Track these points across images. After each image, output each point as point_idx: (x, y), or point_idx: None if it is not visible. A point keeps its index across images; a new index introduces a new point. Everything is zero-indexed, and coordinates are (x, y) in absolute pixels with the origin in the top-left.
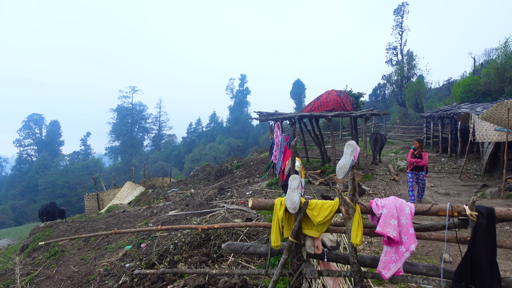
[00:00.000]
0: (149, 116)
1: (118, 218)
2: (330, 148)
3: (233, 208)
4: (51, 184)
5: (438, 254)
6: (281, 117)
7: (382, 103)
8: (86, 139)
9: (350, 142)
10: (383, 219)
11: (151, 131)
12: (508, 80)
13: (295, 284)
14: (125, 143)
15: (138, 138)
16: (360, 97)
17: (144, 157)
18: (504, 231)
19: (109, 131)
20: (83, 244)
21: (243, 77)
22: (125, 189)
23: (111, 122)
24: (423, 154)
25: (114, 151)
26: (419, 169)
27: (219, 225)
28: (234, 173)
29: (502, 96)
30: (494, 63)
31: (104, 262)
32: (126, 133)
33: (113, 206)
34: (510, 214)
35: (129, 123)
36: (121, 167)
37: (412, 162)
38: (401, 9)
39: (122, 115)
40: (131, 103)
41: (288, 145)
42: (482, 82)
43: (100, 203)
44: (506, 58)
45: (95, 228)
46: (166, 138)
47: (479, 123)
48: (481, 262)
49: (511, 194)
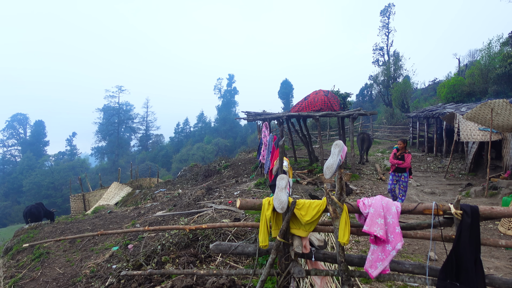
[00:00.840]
0: (136, 116)
1: (105, 219)
2: (317, 148)
3: (221, 208)
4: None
5: (424, 252)
6: (269, 117)
7: (369, 103)
8: (71, 139)
9: (337, 142)
10: (370, 218)
11: (138, 131)
12: (492, 81)
13: (283, 283)
14: (111, 143)
15: (125, 138)
16: (347, 97)
17: (131, 157)
18: (488, 229)
19: (95, 131)
20: (69, 245)
21: (231, 77)
22: (112, 189)
23: (97, 122)
24: (406, 156)
25: (101, 151)
26: (401, 171)
27: (207, 225)
28: (222, 173)
29: (486, 96)
30: (478, 64)
31: (90, 263)
32: (112, 133)
33: (99, 207)
34: (493, 212)
35: (115, 123)
36: (108, 168)
37: (394, 164)
38: (388, 10)
39: (108, 115)
40: (118, 102)
41: (276, 145)
42: (467, 82)
43: (86, 204)
44: (489, 59)
45: (81, 229)
46: (153, 138)
47: (464, 123)
48: (465, 259)
49: (495, 193)
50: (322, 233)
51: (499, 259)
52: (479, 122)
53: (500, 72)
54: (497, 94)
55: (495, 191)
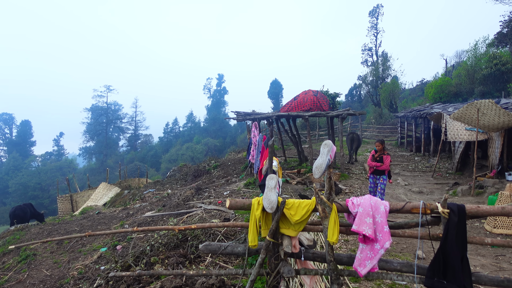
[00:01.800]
0: (125, 115)
1: (93, 220)
2: (307, 148)
3: (211, 208)
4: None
5: (412, 250)
6: (259, 117)
7: (358, 103)
8: (59, 139)
9: (326, 141)
10: (359, 217)
11: (127, 131)
12: (478, 81)
13: (273, 283)
14: (100, 143)
15: (114, 138)
16: (336, 97)
17: (119, 157)
18: (475, 228)
19: (83, 131)
20: (56, 247)
21: (221, 77)
22: (100, 190)
23: (85, 122)
24: (385, 158)
25: (89, 152)
26: (379, 173)
27: (196, 226)
28: (211, 173)
29: (472, 96)
30: (465, 65)
31: (78, 265)
32: (101, 133)
33: (87, 207)
34: (480, 211)
35: (104, 123)
36: (96, 168)
37: (372, 166)
38: (376, 11)
39: (96, 114)
40: (106, 102)
41: (265, 145)
42: (454, 83)
43: (74, 204)
44: (476, 60)
45: (69, 231)
46: (142, 138)
47: (451, 123)
48: (452, 257)
49: (481, 192)
50: (311, 233)
51: (485, 257)
52: (466, 122)
53: (486, 72)
54: (483, 95)
55: (482, 190)
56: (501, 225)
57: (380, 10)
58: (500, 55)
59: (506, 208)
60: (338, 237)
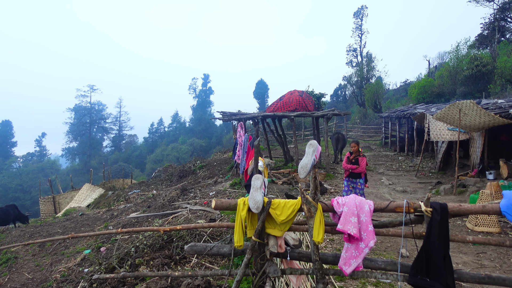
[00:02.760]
0: (109, 116)
1: (76, 221)
2: (293, 148)
3: (196, 209)
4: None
5: (396, 249)
6: (244, 117)
7: (343, 103)
8: (41, 140)
9: (311, 141)
10: (344, 216)
11: (111, 131)
12: (460, 82)
13: (259, 283)
14: (83, 143)
15: (97, 139)
16: (321, 97)
17: (103, 158)
18: (457, 226)
19: (66, 132)
20: (38, 249)
21: (206, 77)
22: (84, 191)
23: (68, 122)
24: (360, 159)
25: (72, 152)
26: (355, 176)
27: (182, 227)
28: (197, 174)
29: (454, 97)
30: (447, 66)
31: (61, 267)
32: (84, 134)
33: (70, 209)
34: (461, 209)
35: (87, 123)
36: (79, 169)
37: (347, 169)
38: (360, 12)
39: (80, 114)
40: (90, 102)
41: (251, 145)
42: (436, 84)
43: (56, 206)
44: (457, 61)
45: (51, 233)
46: (126, 139)
47: (434, 123)
48: (435, 255)
49: (463, 191)
50: (297, 232)
51: (467, 255)
52: (448, 122)
53: (467, 74)
54: (464, 95)
55: (463, 189)
56: (482, 223)
57: (365, 11)
58: (481, 56)
59: (486, 207)
60: (323, 237)
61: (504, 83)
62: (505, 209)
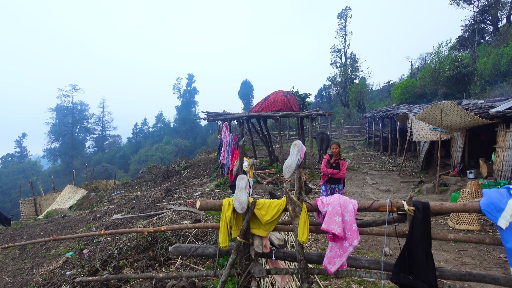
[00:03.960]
0: (92, 116)
1: (58, 223)
2: (278, 148)
3: (181, 209)
4: None
5: (380, 248)
6: (229, 117)
7: (328, 104)
8: (21, 140)
9: (296, 141)
10: (328, 216)
11: (94, 131)
12: (441, 83)
13: (244, 283)
14: (65, 144)
15: (80, 139)
16: (306, 97)
17: (86, 159)
18: (439, 224)
19: (47, 132)
20: (19, 252)
21: (191, 77)
22: (66, 192)
23: (50, 123)
24: (341, 164)
25: (53, 153)
26: (335, 182)
27: (166, 228)
28: (182, 174)
29: (436, 98)
30: (429, 67)
31: (42, 270)
32: (66, 134)
33: (52, 211)
34: (443, 208)
35: (69, 123)
36: (61, 170)
37: (327, 174)
38: (344, 13)
39: (61, 115)
40: (72, 102)
41: (236, 145)
42: (419, 84)
43: (37, 208)
44: (439, 62)
45: (32, 235)
46: (110, 139)
47: (416, 123)
48: (417, 253)
49: (445, 189)
50: (282, 232)
51: (448, 252)
52: (430, 122)
53: (448, 75)
54: (446, 96)
55: (445, 188)
56: (463, 221)
57: (349, 12)
58: (462, 58)
59: (467, 205)
60: (308, 236)
61: (483, 84)
62: (485, 207)
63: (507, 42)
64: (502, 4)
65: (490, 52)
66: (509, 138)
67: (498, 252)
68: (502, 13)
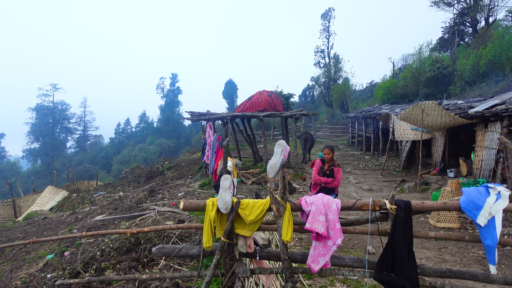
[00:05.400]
0: (73, 115)
1: (38, 225)
2: (262, 148)
3: (165, 210)
4: None
5: (363, 246)
6: (213, 117)
7: (311, 104)
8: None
9: (280, 141)
10: (312, 215)
11: (75, 131)
12: (423, 83)
13: (228, 284)
14: (45, 144)
15: (61, 139)
16: (290, 97)
17: (67, 159)
18: (420, 222)
19: (27, 132)
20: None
21: (174, 76)
22: (46, 194)
23: (29, 123)
24: (336, 171)
25: (33, 154)
26: (328, 192)
27: (149, 229)
28: (165, 174)
29: (417, 98)
30: (411, 68)
31: (21, 274)
32: (46, 134)
33: (32, 213)
34: (424, 206)
35: (50, 123)
36: (42, 171)
37: (320, 183)
38: (328, 14)
39: (42, 114)
40: (52, 101)
41: (220, 145)
42: (400, 85)
43: (17, 210)
44: (420, 63)
45: (11, 238)
46: (92, 139)
47: (398, 123)
48: (400, 251)
49: (426, 188)
50: (266, 232)
51: (429, 250)
52: (412, 122)
53: (429, 75)
54: (427, 96)
55: (426, 187)
56: (444, 219)
57: (332, 13)
58: (442, 59)
59: (447, 203)
60: (292, 236)
61: (463, 84)
62: (464, 205)
63: (485, 44)
64: (481, 7)
65: (470, 54)
66: (487, 138)
67: (477, 249)
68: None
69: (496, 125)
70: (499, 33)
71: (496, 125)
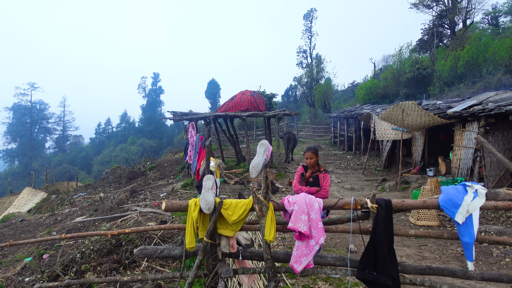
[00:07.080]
0: (52, 115)
1: (16, 228)
2: (245, 148)
3: (147, 211)
4: None
5: (345, 245)
6: (196, 117)
7: (294, 104)
8: None
9: (262, 141)
10: (295, 215)
11: (54, 131)
12: (403, 84)
13: (211, 284)
14: (23, 145)
15: (39, 140)
16: (273, 97)
17: (46, 160)
18: (401, 221)
19: (3, 132)
20: None
21: (156, 76)
22: (24, 195)
23: (6, 122)
24: (322, 177)
25: (10, 154)
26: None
27: (131, 230)
28: (147, 175)
29: (398, 98)
30: (391, 69)
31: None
32: (24, 134)
33: (9, 215)
34: (404, 205)
35: (27, 123)
36: (19, 172)
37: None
38: (310, 15)
39: (19, 114)
40: (30, 101)
41: (203, 145)
42: (381, 85)
43: None
44: (400, 64)
45: None
46: (71, 139)
47: (379, 123)
48: (381, 250)
49: (406, 187)
50: (249, 232)
51: (409, 247)
52: (392, 122)
53: (409, 76)
54: (407, 96)
55: (406, 185)
56: (424, 217)
57: (314, 14)
58: (422, 60)
59: (427, 202)
60: (275, 235)
61: (442, 85)
62: (443, 203)
63: (463, 45)
64: (459, 9)
65: (448, 55)
66: (465, 137)
67: (455, 246)
68: (458, 18)
69: (473, 125)
70: (476, 35)
71: (474, 125)
